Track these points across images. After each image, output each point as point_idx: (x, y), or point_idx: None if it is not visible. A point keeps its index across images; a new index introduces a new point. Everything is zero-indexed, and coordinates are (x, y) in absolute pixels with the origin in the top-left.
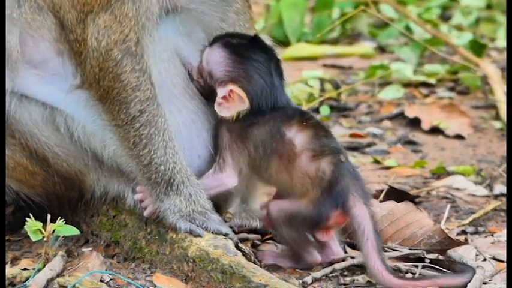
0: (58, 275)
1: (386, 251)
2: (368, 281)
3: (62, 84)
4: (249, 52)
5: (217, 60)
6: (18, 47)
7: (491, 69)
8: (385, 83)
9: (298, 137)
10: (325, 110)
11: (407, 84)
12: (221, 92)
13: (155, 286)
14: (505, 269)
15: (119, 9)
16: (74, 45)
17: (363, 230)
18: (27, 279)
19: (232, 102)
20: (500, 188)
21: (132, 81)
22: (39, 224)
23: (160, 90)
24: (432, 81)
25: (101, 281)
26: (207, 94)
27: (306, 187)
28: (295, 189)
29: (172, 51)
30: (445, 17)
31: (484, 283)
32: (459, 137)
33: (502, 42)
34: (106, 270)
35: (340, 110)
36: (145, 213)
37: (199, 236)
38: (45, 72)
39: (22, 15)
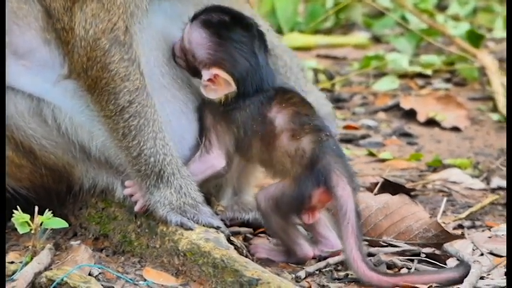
0: (46, 269)
1: (381, 245)
2: None
3: (49, 75)
4: (230, 32)
5: (198, 41)
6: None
7: (488, 60)
8: (380, 74)
9: (278, 117)
10: None
11: (402, 75)
12: (206, 75)
13: (145, 280)
14: (503, 264)
15: None
16: (62, 34)
17: (344, 212)
18: (14, 272)
19: (219, 86)
20: (498, 181)
21: (121, 71)
22: (27, 217)
23: (149, 80)
24: (428, 72)
25: (89, 274)
26: (192, 72)
27: (285, 166)
28: (276, 168)
29: (160, 39)
30: (442, 7)
31: (482, 278)
32: (456, 129)
33: (499, 32)
34: (95, 263)
35: (334, 101)
36: (136, 208)
37: (190, 229)
38: (31, 63)
39: (8, 4)
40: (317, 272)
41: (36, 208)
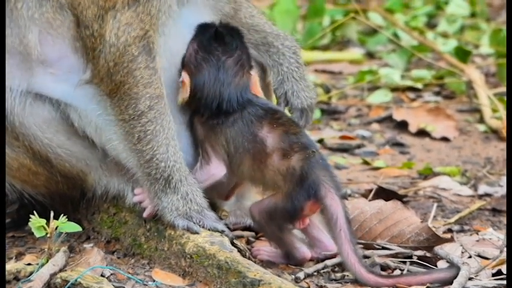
0: (61, 270)
1: (375, 248)
2: None
3: (75, 81)
4: (207, 42)
5: (188, 46)
6: (38, 46)
7: (475, 74)
8: (373, 88)
9: (269, 137)
10: (316, 113)
11: (395, 89)
12: (180, 76)
13: (154, 281)
14: (490, 266)
15: (143, 7)
16: (89, 40)
17: (335, 220)
18: (31, 273)
19: (183, 88)
20: (485, 188)
21: (145, 78)
22: (43, 221)
23: (170, 86)
24: (419, 86)
25: (101, 275)
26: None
27: (277, 183)
28: (267, 185)
29: (182, 46)
30: (431, 25)
31: (470, 279)
32: (445, 139)
33: (485, 48)
34: (107, 265)
35: (330, 113)
36: (145, 214)
37: (196, 233)
38: (59, 70)
39: (44, 15)
40: (315, 273)
41: (52, 213)
